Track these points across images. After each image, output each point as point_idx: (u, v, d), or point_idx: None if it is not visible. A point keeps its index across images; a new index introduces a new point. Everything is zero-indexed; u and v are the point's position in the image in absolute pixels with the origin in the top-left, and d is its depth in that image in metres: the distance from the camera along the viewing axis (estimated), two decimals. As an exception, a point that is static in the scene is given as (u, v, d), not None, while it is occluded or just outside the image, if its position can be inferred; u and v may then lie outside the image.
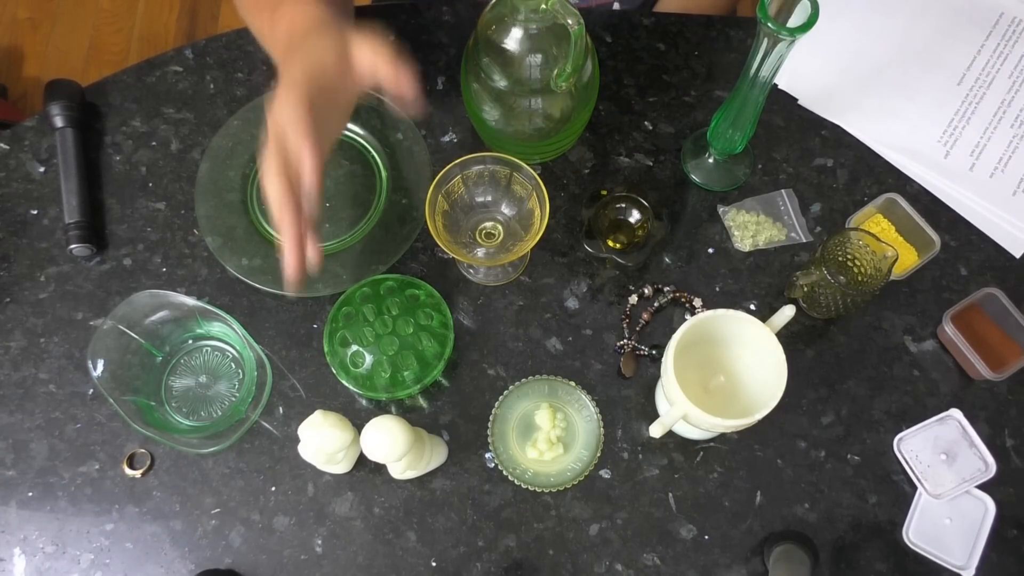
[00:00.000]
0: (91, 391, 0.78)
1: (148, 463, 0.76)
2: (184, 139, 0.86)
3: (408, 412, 0.78)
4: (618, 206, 0.80)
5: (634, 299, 0.80)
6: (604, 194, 0.79)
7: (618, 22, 0.90)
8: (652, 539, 0.74)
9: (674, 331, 0.66)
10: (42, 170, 0.85)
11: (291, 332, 0.80)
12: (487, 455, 0.76)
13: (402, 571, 0.74)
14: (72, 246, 0.80)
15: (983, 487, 0.74)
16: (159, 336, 0.77)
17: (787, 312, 0.67)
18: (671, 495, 0.75)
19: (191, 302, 0.76)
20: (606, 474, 0.76)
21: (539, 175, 0.74)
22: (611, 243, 0.79)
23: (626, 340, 0.79)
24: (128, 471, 0.76)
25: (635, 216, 0.80)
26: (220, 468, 0.76)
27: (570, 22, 0.65)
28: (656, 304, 0.80)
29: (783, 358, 0.64)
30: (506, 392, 0.76)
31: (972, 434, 0.75)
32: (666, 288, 0.80)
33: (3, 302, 0.81)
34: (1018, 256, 0.81)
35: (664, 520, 0.74)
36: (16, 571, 0.74)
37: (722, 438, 0.76)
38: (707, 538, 0.74)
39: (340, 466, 0.74)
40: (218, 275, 0.81)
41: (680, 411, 0.64)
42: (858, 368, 0.78)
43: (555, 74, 0.69)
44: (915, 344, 0.79)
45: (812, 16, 0.60)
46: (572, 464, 0.75)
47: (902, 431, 0.76)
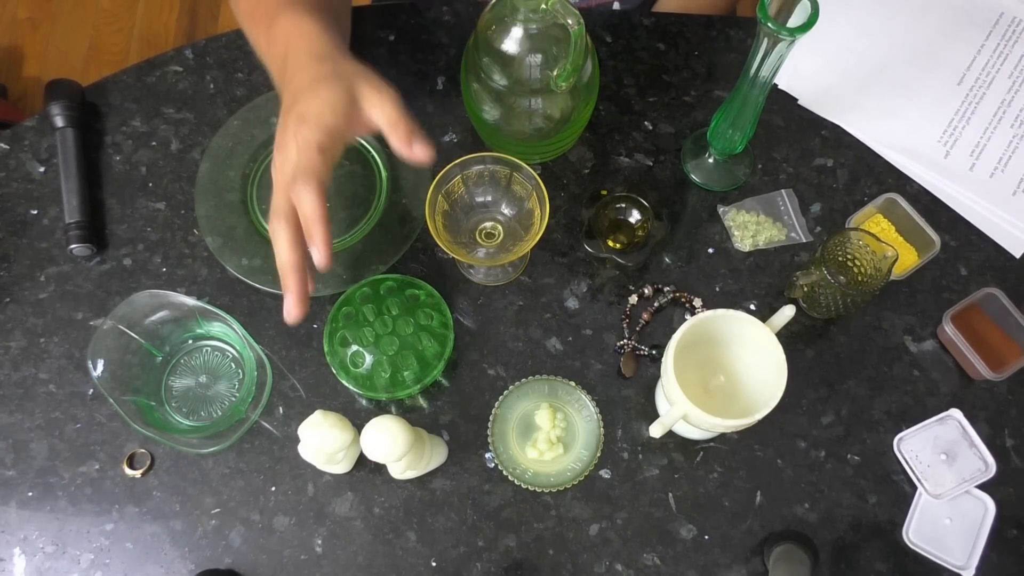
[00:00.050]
0: (91, 391, 0.78)
1: (148, 463, 0.76)
2: (184, 139, 0.86)
3: (408, 412, 0.78)
4: (618, 206, 0.80)
5: (634, 299, 0.80)
6: (604, 194, 0.79)
7: (618, 22, 0.90)
8: (652, 539, 0.74)
9: (674, 331, 0.66)
10: (42, 170, 0.85)
11: (291, 332, 0.80)
12: (487, 455, 0.76)
13: (402, 571, 0.74)
14: (72, 246, 0.80)
15: (983, 487, 0.74)
16: (159, 336, 0.77)
17: (787, 312, 0.67)
18: (671, 495, 0.75)
19: (191, 302, 0.76)
20: (606, 474, 0.76)
21: (539, 175, 0.74)
22: (611, 243, 0.79)
23: (626, 340, 0.79)
24: (128, 471, 0.76)
25: (635, 216, 0.80)
26: (220, 468, 0.76)
27: (570, 22, 0.65)
28: (656, 304, 0.80)
29: (783, 358, 0.64)
30: (506, 392, 0.76)
31: (972, 434, 0.75)
32: (666, 288, 0.80)
33: (3, 302, 0.81)
34: (1018, 256, 0.81)
35: (664, 520, 0.74)
36: (16, 571, 0.74)
37: (722, 438, 0.76)
38: (707, 538, 0.74)
39: (340, 466, 0.74)
40: (218, 275, 0.81)
41: (680, 411, 0.64)
42: (858, 368, 0.78)
43: (555, 74, 0.69)
44: (915, 344, 0.79)
45: (812, 16, 0.60)
46: (572, 464, 0.75)
47: (902, 431, 0.76)
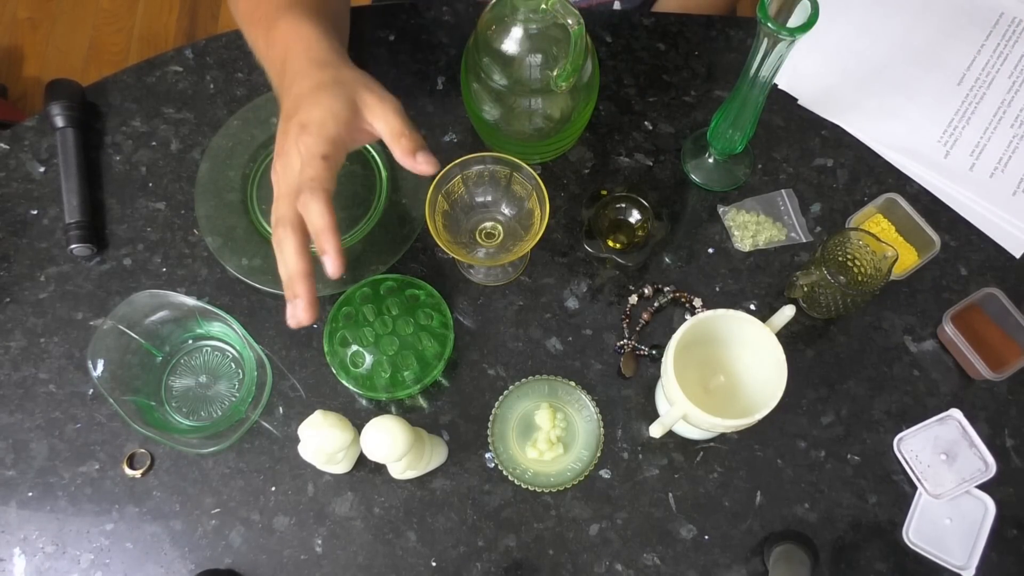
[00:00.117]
0: (91, 391, 0.78)
1: (148, 463, 0.76)
2: (184, 139, 0.86)
3: (408, 412, 0.78)
4: (618, 206, 0.80)
5: (634, 299, 0.80)
6: (604, 194, 0.79)
7: (618, 22, 0.90)
8: (652, 539, 0.74)
9: (674, 331, 0.66)
10: (42, 170, 0.85)
11: (291, 332, 0.80)
12: (487, 455, 0.76)
13: (402, 571, 0.74)
14: (72, 246, 0.80)
15: (983, 487, 0.74)
16: (159, 336, 0.77)
17: (787, 312, 0.67)
18: (671, 495, 0.75)
19: (191, 302, 0.76)
20: (606, 474, 0.76)
21: (539, 175, 0.74)
22: (611, 243, 0.79)
23: (626, 340, 0.79)
24: (128, 471, 0.76)
25: (635, 216, 0.80)
26: (220, 468, 0.76)
27: (570, 22, 0.65)
28: (656, 304, 0.80)
29: (783, 358, 0.64)
30: (506, 392, 0.76)
31: (972, 434, 0.75)
32: (666, 288, 0.80)
33: (3, 302, 0.81)
34: (1018, 256, 0.81)
35: (664, 520, 0.74)
36: (16, 571, 0.74)
37: (722, 438, 0.76)
38: (707, 538, 0.74)
39: (340, 466, 0.74)
40: (218, 275, 0.81)
41: (680, 411, 0.64)
42: (858, 368, 0.78)
43: (555, 74, 0.69)
44: (915, 344, 0.79)
45: (812, 16, 0.60)
46: (572, 464, 0.75)
47: (902, 431, 0.76)
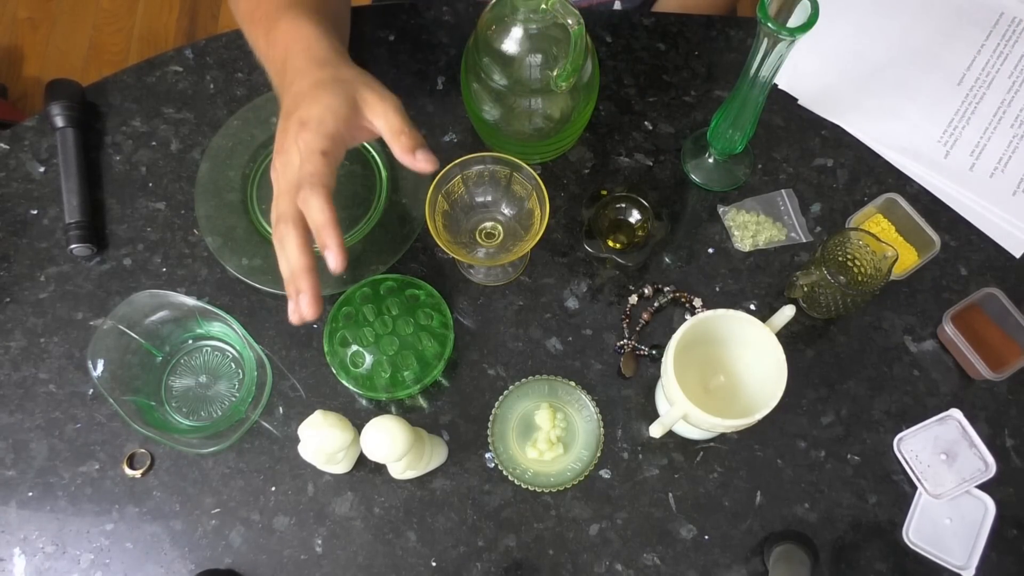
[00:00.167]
0: (91, 391, 0.78)
1: (148, 463, 0.76)
2: (184, 139, 0.86)
3: (408, 412, 0.78)
4: (618, 206, 0.80)
5: (634, 299, 0.80)
6: (604, 194, 0.79)
7: (618, 22, 0.90)
8: (652, 539, 0.74)
9: (674, 331, 0.66)
10: (42, 170, 0.85)
11: (291, 332, 0.80)
12: (487, 455, 0.76)
13: (402, 571, 0.74)
14: (72, 246, 0.80)
15: (983, 487, 0.74)
16: (159, 336, 0.77)
17: (787, 312, 0.67)
18: (671, 495, 0.75)
19: (191, 302, 0.76)
20: (606, 474, 0.76)
21: (539, 175, 0.74)
22: (611, 243, 0.79)
23: (626, 340, 0.79)
24: (128, 471, 0.76)
25: (635, 216, 0.80)
26: (220, 468, 0.76)
27: (570, 22, 0.65)
28: (656, 304, 0.80)
29: (783, 358, 0.64)
30: (506, 392, 0.76)
31: (972, 434, 0.75)
32: (666, 288, 0.80)
33: (3, 302, 0.81)
34: (1018, 256, 0.81)
35: (664, 520, 0.74)
36: (16, 571, 0.74)
37: (722, 438, 0.76)
38: (707, 538, 0.74)
39: (340, 466, 0.74)
40: (218, 275, 0.81)
41: (680, 411, 0.64)
42: (858, 368, 0.78)
43: (555, 74, 0.69)
44: (915, 344, 0.79)
45: (812, 16, 0.60)
46: (572, 464, 0.75)
47: (902, 431, 0.76)
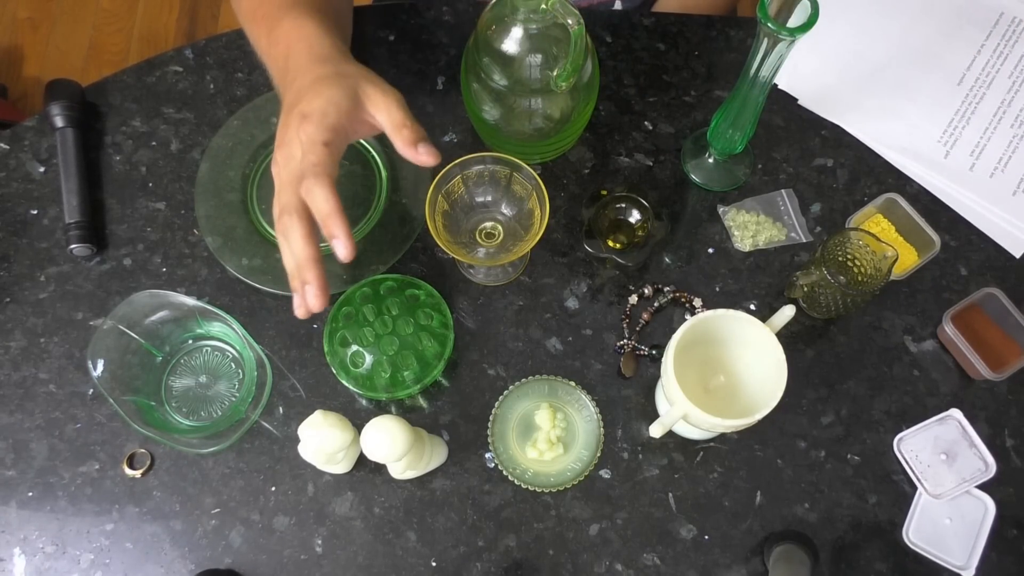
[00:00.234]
0: (91, 391, 0.78)
1: (148, 463, 0.76)
2: (184, 139, 0.86)
3: (408, 412, 0.78)
4: (618, 206, 0.80)
5: (634, 299, 0.80)
6: (604, 194, 0.79)
7: (618, 22, 0.90)
8: (652, 539, 0.74)
9: (674, 331, 0.66)
10: (42, 170, 0.85)
11: (291, 332, 0.80)
12: (487, 455, 0.76)
13: (402, 571, 0.74)
14: (72, 246, 0.80)
15: (983, 487, 0.74)
16: (159, 336, 0.77)
17: (787, 312, 0.67)
18: (671, 495, 0.75)
19: (191, 302, 0.76)
20: (606, 474, 0.76)
21: (539, 175, 0.74)
22: (611, 243, 0.79)
23: (626, 340, 0.79)
24: (128, 471, 0.76)
25: (635, 216, 0.80)
26: (220, 468, 0.76)
27: (570, 22, 0.65)
28: (656, 304, 0.80)
29: (783, 358, 0.64)
30: (506, 392, 0.76)
31: (972, 434, 0.75)
32: (666, 288, 0.80)
33: (3, 302, 0.81)
34: (1018, 256, 0.81)
35: (664, 520, 0.74)
36: (16, 571, 0.74)
37: (722, 438, 0.76)
38: (707, 538, 0.74)
39: (340, 466, 0.74)
40: (218, 275, 0.81)
41: (680, 411, 0.64)
42: (858, 368, 0.78)
43: (555, 74, 0.69)
44: (915, 344, 0.79)
45: (812, 16, 0.60)
46: (572, 464, 0.75)
47: (902, 431, 0.76)
